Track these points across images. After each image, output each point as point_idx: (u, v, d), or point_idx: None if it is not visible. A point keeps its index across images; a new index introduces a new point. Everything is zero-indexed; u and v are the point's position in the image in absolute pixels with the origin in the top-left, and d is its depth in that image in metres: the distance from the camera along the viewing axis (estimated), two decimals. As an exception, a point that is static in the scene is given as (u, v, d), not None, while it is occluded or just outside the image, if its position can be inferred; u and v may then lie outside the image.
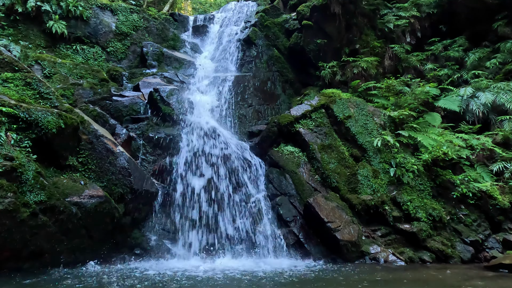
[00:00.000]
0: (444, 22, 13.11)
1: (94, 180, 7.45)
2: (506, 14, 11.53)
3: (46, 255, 6.36)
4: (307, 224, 8.46)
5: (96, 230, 7.03)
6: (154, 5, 19.55)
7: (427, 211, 8.39)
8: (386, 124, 10.02)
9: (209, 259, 7.76)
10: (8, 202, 5.64)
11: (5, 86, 7.24)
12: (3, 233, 5.66)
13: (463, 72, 11.65)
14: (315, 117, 10.14)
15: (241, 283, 5.75)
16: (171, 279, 6.00)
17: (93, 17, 13.12)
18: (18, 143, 6.40)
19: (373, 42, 12.82)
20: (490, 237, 8.26)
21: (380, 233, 8.40)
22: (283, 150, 9.78)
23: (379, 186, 8.90)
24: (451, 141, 9.35)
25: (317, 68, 12.94)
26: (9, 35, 11.32)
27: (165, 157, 9.29)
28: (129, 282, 5.73)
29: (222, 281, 5.95)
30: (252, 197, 9.16)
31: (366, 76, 12.06)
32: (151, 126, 9.79)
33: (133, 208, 7.86)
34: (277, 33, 14.35)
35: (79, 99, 10.01)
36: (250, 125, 12.02)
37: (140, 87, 11.17)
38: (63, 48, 12.33)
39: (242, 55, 13.48)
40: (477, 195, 8.48)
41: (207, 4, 26.15)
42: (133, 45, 13.71)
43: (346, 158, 9.41)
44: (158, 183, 8.78)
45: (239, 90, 12.41)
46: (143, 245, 7.87)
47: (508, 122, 9.72)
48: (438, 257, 7.95)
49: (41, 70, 10.51)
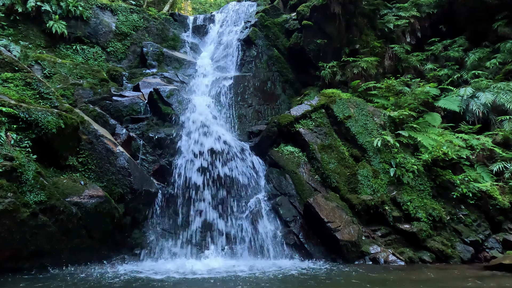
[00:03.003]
0: (444, 22, 13.11)
1: (94, 180, 7.45)
2: (506, 14, 11.53)
3: (46, 255, 6.35)
4: (307, 224, 8.46)
5: (96, 230, 7.03)
6: (154, 5, 19.55)
7: (427, 211, 8.39)
8: (386, 124, 10.02)
9: (209, 258, 7.76)
10: (8, 202, 5.64)
11: (5, 86, 7.24)
12: (3, 233, 5.66)
13: (463, 72, 11.65)
14: (315, 117, 10.14)
15: (241, 283, 5.75)
16: (171, 279, 5.99)
17: (93, 17, 13.12)
18: (18, 143, 6.40)
19: (373, 42, 12.82)
20: (490, 237, 8.25)
21: (380, 233, 8.40)
22: (283, 150, 9.78)
23: (379, 186, 8.90)
24: (451, 141, 9.35)
25: (317, 68, 12.93)
26: (9, 35, 11.32)
27: (165, 157, 9.29)
28: (129, 282, 5.73)
29: (222, 281, 5.95)
30: (252, 197, 9.17)
31: (366, 76, 12.06)
32: (151, 126, 9.79)
33: (133, 208, 7.87)
34: (277, 33, 14.35)
35: (79, 99, 10.01)
36: (250, 125, 12.02)
37: (140, 87, 11.17)
38: (63, 48, 12.33)
39: (242, 55, 13.48)
40: (477, 195, 8.48)
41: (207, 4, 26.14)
42: (133, 45, 13.71)
43: (346, 158, 9.41)
44: (158, 183, 8.78)
45: (239, 90, 12.41)
46: (143, 245, 7.87)
47: (508, 122, 9.72)
48: (438, 257, 7.95)
49: (41, 70, 10.51)
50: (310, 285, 5.81)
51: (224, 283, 5.81)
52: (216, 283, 5.81)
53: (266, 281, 5.97)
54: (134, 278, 6.06)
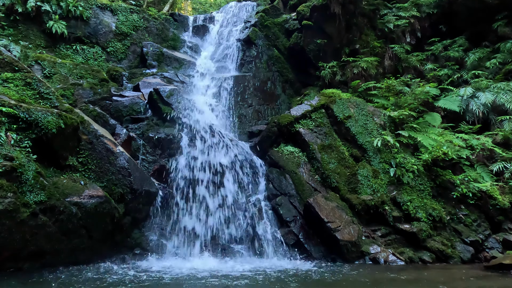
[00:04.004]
0: (444, 22, 13.11)
1: (94, 180, 7.45)
2: (506, 14, 11.52)
3: (46, 255, 6.35)
4: (307, 224, 8.46)
5: (96, 230, 7.03)
6: (154, 5, 19.54)
7: (427, 211, 8.39)
8: (386, 124, 10.02)
9: (209, 259, 7.75)
10: (8, 202, 5.63)
11: (5, 86, 7.23)
12: (3, 233, 5.66)
13: (463, 72, 11.65)
14: (315, 117, 10.14)
15: (241, 283, 5.75)
16: (171, 279, 5.99)
17: (93, 17, 13.12)
18: (18, 143, 6.40)
19: (373, 42, 12.82)
20: (490, 237, 8.25)
21: (380, 233, 8.40)
22: (283, 150, 9.78)
23: (379, 186, 8.90)
24: (451, 141, 9.35)
25: (317, 68, 12.93)
26: (9, 35, 11.32)
27: (165, 157, 9.29)
28: (129, 282, 5.73)
29: (222, 281, 5.95)
30: (252, 197, 9.17)
31: (366, 76, 12.06)
32: (151, 126, 9.79)
33: (133, 208, 7.87)
34: (277, 33, 14.35)
35: (79, 99, 10.02)
36: (250, 125, 12.02)
37: (140, 87, 11.17)
38: (63, 48, 12.33)
39: (242, 55, 13.48)
40: (477, 195, 8.48)
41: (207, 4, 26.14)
42: (133, 45, 13.72)
43: (346, 158, 9.41)
44: (158, 183, 8.78)
45: (239, 90, 12.42)
46: (143, 245, 7.87)
47: (508, 122, 9.72)
48: (438, 257, 7.95)
49: (41, 70, 10.51)
50: (310, 285, 5.81)
51: (224, 283, 5.81)
52: (216, 283, 5.81)
53: (265, 281, 5.97)
54: (134, 278, 6.06)
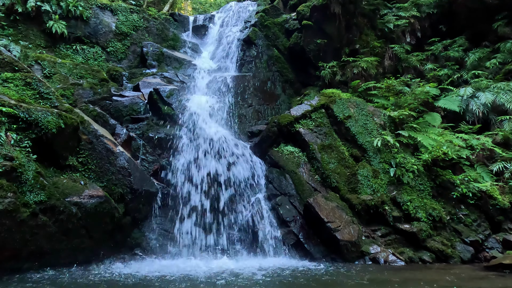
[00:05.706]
0: (444, 22, 13.11)
1: (94, 180, 7.45)
2: (506, 14, 11.52)
3: (46, 255, 6.35)
4: (307, 224, 8.45)
5: (96, 230, 7.03)
6: (154, 5, 19.54)
7: (427, 211, 8.39)
8: (386, 124, 10.02)
9: (209, 259, 7.76)
10: (8, 202, 5.63)
11: (5, 86, 7.24)
12: (3, 233, 5.65)
13: (463, 72, 11.65)
14: (315, 117, 10.14)
15: (241, 283, 5.75)
16: (170, 279, 5.99)
17: (93, 17, 13.12)
18: (18, 143, 6.40)
19: (373, 42, 12.82)
20: (490, 237, 8.25)
21: (380, 233, 8.40)
22: (283, 150, 9.78)
23: (379, 186, 8.90)
24: (451, 141, 9.35)
25: (317, 68, 12.93)
26: (9, 35, 11.33)
27: (165, 157, 9.29)
28: (129, 282, 5.73)
29: (222, 281, 5.95)
30: (252, 197, 9.17)
31: (366, 76, 12.06)
32: (151, 126, 9.80)
33: (133, 208, 7.87)
34: (277, 33, 14.35)
35: (79, 99, 10.02)
36: (250, 125, 12.02)
37: (140, 87, 11.18)
38: (63, 48, 12.34)
39: (242, 55, 13.49)
40: (477, 195, 8.48)
41: (207, 4, 26.15)
42: (133, 45, 13.72)
43: (346, 158, 9.41)
44: (158, 183, 8.78)
45: (239, 90, 12.41)
46: (143, 245, 7.87)
47: (508, 122, 9.72)
48: (438, 257, 7.94)
49: (41, 70, 10.51)
50: (310, 285, 5.81)
51: (223, 284, 5.80)
52: (216, 282, 5.81)
53: (265, 281, 5.97)
54: (134, 278, 6.06)
